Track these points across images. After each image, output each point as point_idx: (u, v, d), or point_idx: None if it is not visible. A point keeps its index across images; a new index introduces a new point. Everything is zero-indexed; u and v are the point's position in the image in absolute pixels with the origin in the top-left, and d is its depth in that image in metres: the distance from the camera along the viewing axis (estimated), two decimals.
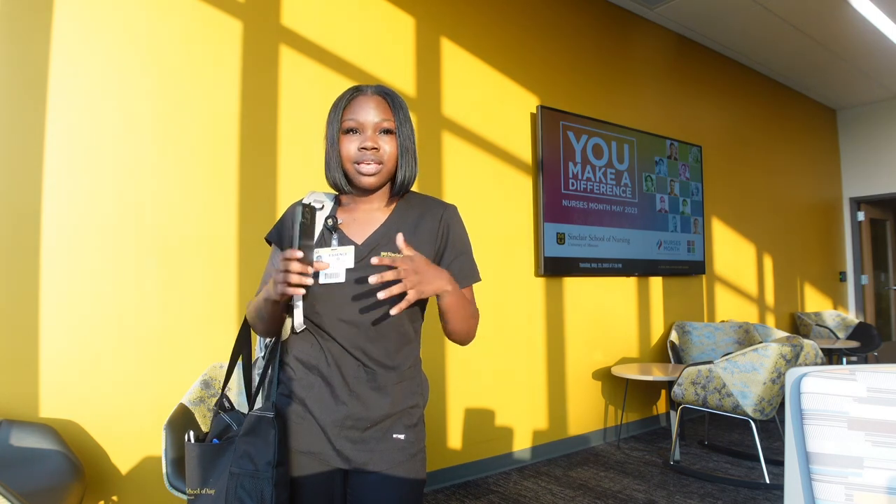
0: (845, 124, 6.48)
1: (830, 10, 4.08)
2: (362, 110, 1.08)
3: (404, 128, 1.10)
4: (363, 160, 1.07)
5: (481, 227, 3.13)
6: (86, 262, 2.04)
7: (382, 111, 1.09)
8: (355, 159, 1.08)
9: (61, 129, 2.02)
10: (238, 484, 1.01)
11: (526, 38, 3.49)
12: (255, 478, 1.00)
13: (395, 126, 1.09)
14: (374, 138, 1.08)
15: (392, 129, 1.09)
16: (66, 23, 2.04)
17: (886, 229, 6.92)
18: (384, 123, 1.08)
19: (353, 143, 1.08)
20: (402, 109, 1.11)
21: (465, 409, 3.03)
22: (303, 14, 2.60)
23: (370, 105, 1.09)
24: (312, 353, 1.09)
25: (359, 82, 2.61)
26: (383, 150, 1.08)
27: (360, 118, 1.08)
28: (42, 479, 1.64)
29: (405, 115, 1.11)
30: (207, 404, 2.04)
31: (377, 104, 1.09)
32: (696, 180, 4.47)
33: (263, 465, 1.00)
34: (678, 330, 4.13)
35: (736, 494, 2.75)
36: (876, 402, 0.94)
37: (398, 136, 1.09)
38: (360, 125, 1.08)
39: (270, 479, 0.99)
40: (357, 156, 1.08)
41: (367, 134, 1.08)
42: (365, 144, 1.07)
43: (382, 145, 1.08)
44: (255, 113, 2.45)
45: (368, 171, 1.07)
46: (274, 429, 1.02)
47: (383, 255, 1.03)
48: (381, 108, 1.09)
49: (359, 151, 1.07)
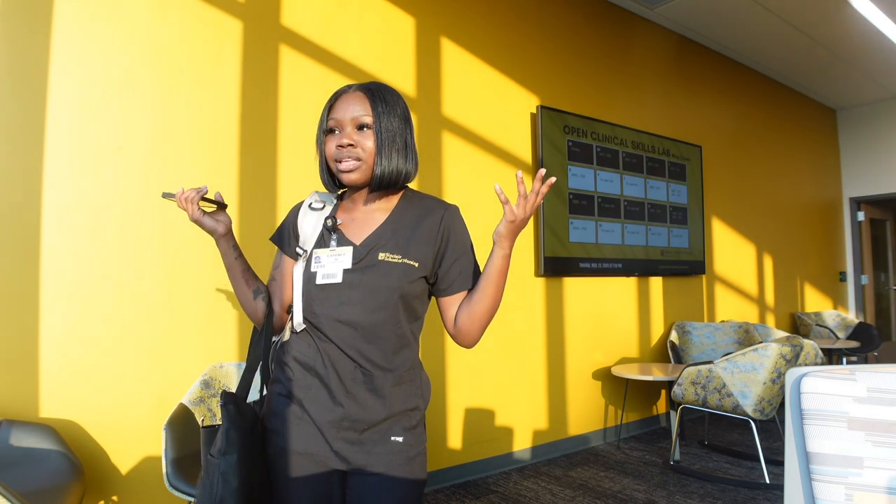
0: (845, 124, 6.48)
1: (830, 10, 4.08)
2: (341, 108, 1.09)
3: (383, 120, 1.08)
4: (341, 158, 1.07)
5: (481, 227, 3.11)
6: (86, 261, 2.04)
7: (361, 106, 1.08)
8: (335, 157, 1.08)
9: (61, 129, 2.02)
10: (205, 469, 1.03)
11: (526, 38, 3.49)
12: (210, 465, 1.02)
13: (371, 120, 1.08)
14: (350, 135, 1.07)
15: (369, 124, 1.08)
16: (66, 23, 2.04)
17: (886, 229, 6.92)
18: (361, 118, 1.07)
19: (333, 141, 1.09)
20: (385, 102, 1.09)
21: (465, 409, 3.03)
22: (303, 14, 2.60)
23: (349, 102, 1.09)
24: (310, 353, 1.09)
25: (358, 82, 2.61)
26: (361, 146, 1.07)
27: (338, 117, 1.08)
28: (42, 479, 1.64)
29: (388, 108, 1.09)
30: (207, 404, 2.04)
31: (356, 100, 1.09)
32: (696, 180, 4.47)
33: (217, 451, 1.02)
34: (678, 330, 4.13)
35: (736, 494, 2.75)
36: (876, 402, 0.94)
37: (375, 130, 1.08)
38: (338, 123, 1.08)
39: (218, 467, 1.00)
40: (336, 154, 1.08)
41: (344, 131, 1.08)
42: (341, 142, 1.07)
43: (360, 141, 1.07)
44: (255, 113, 2.45)
45: (346, 167, 1.07)
46: (226, 418, 1.03)
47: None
48: (359, 104, 1.08)
49: (337, 149, 1.08)
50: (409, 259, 1.08)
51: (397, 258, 1.08)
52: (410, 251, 1.09)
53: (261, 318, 1.15)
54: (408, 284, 1.08)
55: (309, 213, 1.17)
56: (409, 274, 1.08)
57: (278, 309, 1.16)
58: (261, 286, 1.17)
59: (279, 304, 1.17)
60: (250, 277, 1.16)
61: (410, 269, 1.08)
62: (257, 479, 1.05)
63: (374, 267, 1.07)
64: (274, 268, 1.19)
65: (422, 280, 1.11)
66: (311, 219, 1.16)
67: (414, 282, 1.09)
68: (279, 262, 1.18)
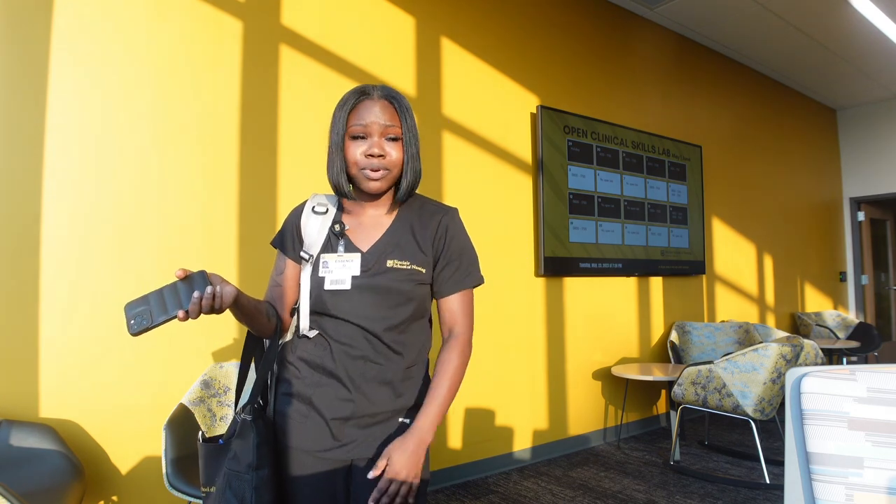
0: (845, 124, 6.48)
1: (830, 10, 4.08)
2: (369, 115, 1.06)
3: (410, 133, 1.09)
4: (370, 166, 1.06)
5: (481, 227, 3.12)
6: (86, 261, 2.04)
7: (389, 117, 1.07)
8: (362, 165, 1.07)
9: (61, 129, 2.02)
10: (227, 483, 1.02)
11: (526, 38, 3.49)
12: (239, 479, 1.01)
13: (401, 133, 1.08)
14: (381, 145, 1.06)
15: (399, 137, 1.08)
16: (66, 22, 2.04)
17: (886, 229, 6.91)
18: (391, 130, 1.07)
19: (360, 148, 1.07)
20: (409, 113, 1.10)
21: (466, 409, 3.03)
22: (303, 14, 2.60)
23: (376, 110, 1.07)
24: (317, 352, 1.09)
25: (359, 82, 2.62)
26: (390, 157, 1.07)
27: (366, 124, 1.06)
28: (42, 479, 1.64)
29: (411, 120, 1.10)
30: (207, 404, 2.04)
31: (383, 109, 1.07)
32: (696, 180, 4.47)
33: (245, 467, 1.01)
34: (678, 330, 4.12)
35: (736, 494, 2.75)
36: (876, 402, 0.94)
37: (404, 142, 1.08)
38: (366, 131, 1.07)
39: (250, 483, 1.00)
40: (364, 162, 1.07)
41: (373, 140, 1.06)
42: (372, 151, 1.06)
43: (389, 151, 1.07)
44: (255, 113, 2.45)
45: (375, 177, 1.07)
46: (253, 432, 1.02)
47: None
48: (387, 114, 1.07)
49: (365, 158, 1.06)
50: (416, 265, 1.10)
51: (406, 264, 1.09)
52: (417, 257, 1.11)
53: (271, 331, 1.13)
54: (417, 289, 1.10)
55: (312, 216, 1.16)
56: (418, 279, 1.10)
57: (283, 313, 1.16)
58: (267, 305, 1.13)
59: (283, 308, 1.16)
60: (260, 304, 1.10)
61: (418, 274, 1.10)
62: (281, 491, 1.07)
63: (383, 274, 1.08)
64: (278, 273, 1.18)
65: (428, 284, 1.14)
66: (316, 222, 1.15)
67: (422, 286, 1.11)
68: (282, 267, 1.17)
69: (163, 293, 0.89)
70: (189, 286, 0.90)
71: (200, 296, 0.89)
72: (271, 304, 1.15)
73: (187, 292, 0.89)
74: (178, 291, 0.89)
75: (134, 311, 0.88)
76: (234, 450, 1.03)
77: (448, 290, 1.13)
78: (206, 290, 0.89)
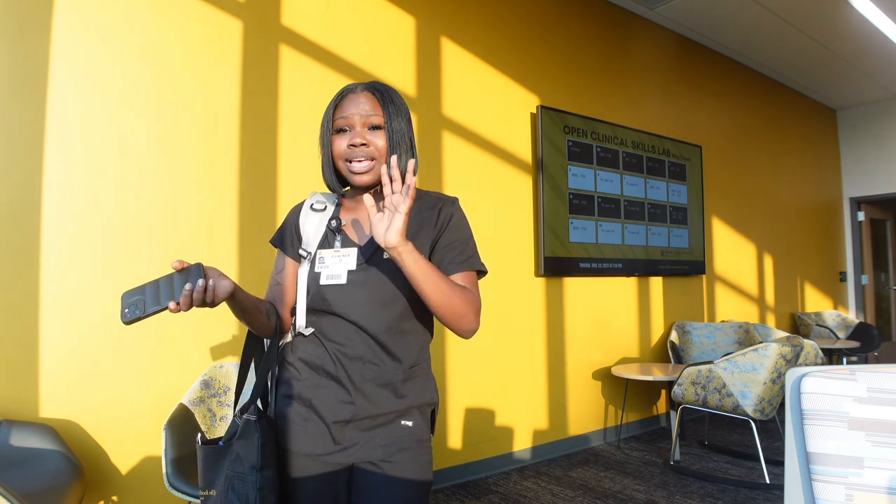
0: (845, 124, 6.48)
1: (830, 10, 4.08)
2: (350, 108, 1.07)
3: (394, 122, 1.08)
4: (353, 157, 1.06)
5: (481, 227, 3.12)
6: (86, 261, 2.04)
7: (371, 106, 1.07)
8: (346, 157, 1.07)
9: (61, 128, 2.02)
10: (229, 485, 1.01)
11: (526, 38, 3.49)
12: (243, 480, 1.00)
13: (383, 121, 1.07)
14: (362, 134, 1.06)
15: (381, 125, 1.07)
16: (66, 22, 2.04)
17: (886, 229, 6.91)
18: (372, 119, 1.07)
19: (343, 140, 1.07)
20: (393, 103, 1.09)
21: (466, 408, 3.03)
22: (303, 14, 2.60)
23: (359, 101, 1.07)
24: (317, 353, 1.08)
25: (358, 82, 2.61)
26: (373, 146, 1.06)
27: (347, 115, 1.07)
28: (42, 479, 1.64)
29: (396, 109, 1.09)
30: (207, 404, 2.04)
31: (366, 100, 1.08)
32: (696, 180, 4.47)
33: (248, 468, 1.00)
34: (678, 330, 4.12)
35: (736, 494, 2.75)
36: (876, 402, 0.94)
37: (387, 130, 1.07)
38: (348, 123, 1.07)
39: (255, 484, 0.99)
40: (347, 153, 1.07)
41: (355, 130, 1.07)
42: (354, 141, 1.06)
43: (372, 140, 1.06)
44: (255, 112, 2.45)
45: (360, 168, 1.06)
46: (257, 432, 1.02)
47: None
48: (369, 104, 1.07)
49: (348, 149, 1.07)
50: None
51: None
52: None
53: (271, 330, 1.13)
54: None
55: (311, 214, 1.16)
56: None
57: (284, 313, 1.15)
58: (268, 304, 1.13)
59: (284, 307, 1.15)
60: (260, 303, 1.10)
61: None
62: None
63: (379, 267, 1.07)
64: (277, 272, 1.17)
65: None
66: (314, 220, 1.15)
67: None
68: (282, 266, 1.16)
69: (158, 284, 0.90)
70: (184, 278, 0.90)
71: (192, 288, 0.89)
72: (272, 304, 1.14)
73: (181, 284, 0.90)
74: (174, 283, 0.90)
75: (129, 300, 0.89)
76: (237, 451, 1.02)
77: (450, 270, 1.08)
78: (199, 282, 0.89)
